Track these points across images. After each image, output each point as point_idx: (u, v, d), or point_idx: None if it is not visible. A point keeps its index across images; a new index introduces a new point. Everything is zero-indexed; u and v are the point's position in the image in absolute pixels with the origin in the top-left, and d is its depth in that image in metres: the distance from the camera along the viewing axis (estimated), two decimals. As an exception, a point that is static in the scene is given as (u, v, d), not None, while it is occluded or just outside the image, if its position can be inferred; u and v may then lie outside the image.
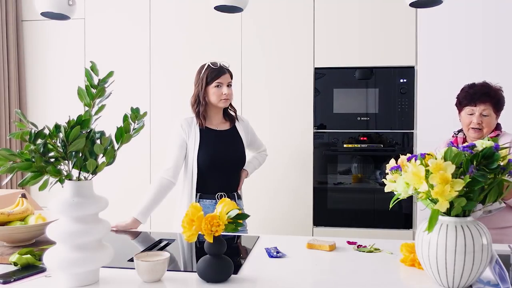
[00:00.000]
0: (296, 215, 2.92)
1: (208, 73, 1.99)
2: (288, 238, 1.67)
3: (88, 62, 1.19)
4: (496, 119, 1.92)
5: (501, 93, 1.91)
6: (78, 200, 1.14)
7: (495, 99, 1.88)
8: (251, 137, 2.18)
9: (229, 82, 2.02)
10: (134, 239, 1.73)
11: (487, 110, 1.88)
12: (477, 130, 1.89)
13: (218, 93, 1.98)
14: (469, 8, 2.74)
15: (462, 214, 1.10)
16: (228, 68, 2.03)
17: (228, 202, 1.22)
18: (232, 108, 2.10)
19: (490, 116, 1.88)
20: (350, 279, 1.24)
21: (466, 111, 1.93)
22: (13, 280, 1.18)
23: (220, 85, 1.98)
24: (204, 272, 1.19)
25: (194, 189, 1.98)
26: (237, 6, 1.88)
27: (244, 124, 2.16)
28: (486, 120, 1.88)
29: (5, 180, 2.53)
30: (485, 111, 1.88)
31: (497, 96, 1.89)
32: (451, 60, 2.76)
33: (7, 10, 3.06)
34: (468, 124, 1.92)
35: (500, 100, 1.90)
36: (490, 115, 1.88)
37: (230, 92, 2.01)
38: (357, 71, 2.89)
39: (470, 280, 1.10)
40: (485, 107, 1.88)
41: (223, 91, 1.99)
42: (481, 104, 1.88)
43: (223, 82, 1.99)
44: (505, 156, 1.09)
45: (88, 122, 1.15)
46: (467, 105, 1.92)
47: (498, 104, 1.90)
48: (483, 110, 1.88)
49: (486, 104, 1.88)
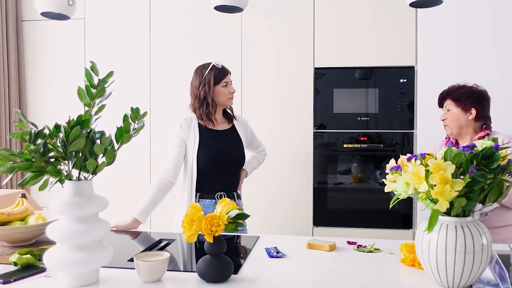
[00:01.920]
0: (296, 215, 2.92)
1: (215, 73, 1.99)
2: (288, 238, 1.67)
3: (88, 62, 1.19)
4: (465, 114, 1.94)
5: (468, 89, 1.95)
6: (78, 200, 1.13)
7: (455, 94, 1.96)
8: (250, 137, 2.19)
9: (231, 81, 2.07)
10: (134, 239, 1.73)
11: (448, 106, 1.99)
12: (445, 126, 2.01)
13: (226, 92, 2.01)
14: (469, 8, 2.74)
15: (462, 214, 1.10)
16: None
17: (228, 202, 1.22)
18: (229, 107, 2.11)
19: (451, 111, 1.97)
20: (350, 279, 1.24)
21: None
22: (13, 280, 1.18)
23: (227, 84, 2.02)
24: (204, 272, 1.19)
25: (193, 189, 1.98)
26: (237, 6, 1.88)
27: (243, 123, 2.16)
28: (449, 115, 1.98)
29: (5, 180, 2.53)
30: (446, 107, 2.00)
31: (458, 92, 1.95)
32: (451, 60, 2.76)
33: (7, 10, 3.06)
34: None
35: (463, 95, 1.94)
36: (451, 110, 1.97)
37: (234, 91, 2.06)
38: (357, 71, 2.89)
39: (470, 280, 1.10)
40: (446, 104, 2.01)
41: (230, 90, 2.03)
42: (444, 102, 2.02)
43: (228, 81, 2.03)
44: (505, 156, 1.09)
45: (88, 122, 1.15)
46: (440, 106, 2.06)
47: (460, 99, 1.94)
48: (445, 107, 2.01)
49: (447, 101, 2.00)
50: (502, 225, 1.81)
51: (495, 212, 1.78)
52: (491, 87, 2.72)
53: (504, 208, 1.81)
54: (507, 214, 1.82)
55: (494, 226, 1.80)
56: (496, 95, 2.72)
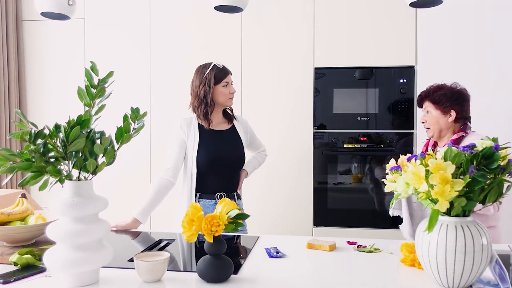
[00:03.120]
0: (296, 215, 2.92)
1: (216, 73, 1.99)
2: (288, 238, 1.67)
3: (88, 62, 1.19)
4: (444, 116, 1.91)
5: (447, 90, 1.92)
6: (78, 200, 1.13)
7: (434, 96, 1.93)
8: (250, 137, 2.19)
9: (232, 82, 2.07)
10: (134, 239, 1.73)
11: (427, 108, 1.96)
12: (426, 128, 1.99)
13: (226, 92, 2.01)
14: (469, 8, 2.74)
15: (462, 214, 1.10)
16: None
17: (228, 202, 1.22)
18: (229, 107, 2.11)
19: (431, 114, 1.95)
20: (350, 279, 1.24)
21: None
22: (13, 280, 1.18)
23: (227, 84, 2.02)
24: (204, 272, 1.19)
25: (193, 189, 1.98)
26: (237, 6, 1.88)
27: (243, 123, 2.16)
28: (428, 117, 1.96)
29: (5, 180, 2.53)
30: (426, 109, 1.97)
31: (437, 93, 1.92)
32: (451, 60, 2.76)
33: (7, 10, 3.06)
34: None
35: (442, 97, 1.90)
36: (430, 112, 1.95)
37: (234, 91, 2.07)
38: (357, 71, 2.89)
39: (470, 280, 1.10)
40: (425, 106, 1.98)
41: (231, 90, 2.03)
42: (423, 104, 1.99)
43: (229, 81, 2.03)
44: (505, 156, 1.09)
45: (88, 122, 1.15)
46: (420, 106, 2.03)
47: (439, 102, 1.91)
48: (424, 109, 1.99)
49: (426, 103, 1.97)
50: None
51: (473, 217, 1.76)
52: (490, 87, 2.73)
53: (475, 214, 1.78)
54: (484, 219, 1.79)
55: None
56: (496, 95, 2.73)
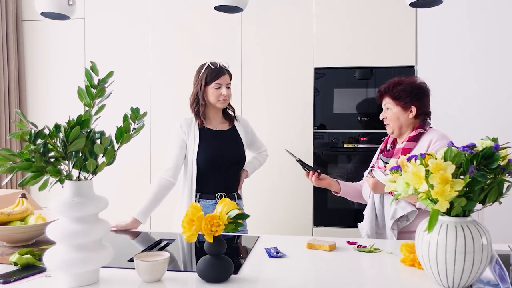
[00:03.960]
0: (296, 215, 2.92)
1: (208, 73, 1.99)
2: (288, 238, 1.67)
3: (88, 62, 1.19)
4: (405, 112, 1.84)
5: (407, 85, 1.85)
6: (78, 200, 1.13)
7: (394, 91, 1.85)
8: (251, 138, 2.18)
9: (228, 84, 2.02)
10: (134, 239, 1.73)
11: (387, 104, 1.88)
12: (386, 125, 1.91)
13: (216, 94, 1.99)
14: (469, 8, 2.74)
15: (462, 214, 1.10)
16: (228, 69, 2.04)
17: (228, 202, 1.22)
18: (230, 108, 2.11)
19: (391, 110, 1.87)
20: (350, 279, 1.24)
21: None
22: (13, 280, 1.18)
23: (219, 86, 1.98)
24: (204, 272, 1.19)
25: (194, 189, 1.99)
26: (237, 6, 1.88)
27: (244, 124, 2.16)
28: (388, 113, 1.88)
29: (5, 180, 2.53)
30: (385, 105, 1.89)
31: (396, 89, 1.84)
32: (451, 60, 2.76)
33: (7, 10, 3.06)
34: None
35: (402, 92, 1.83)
36: (390, 108, 1.88)
37: (228, 93, 2.01)
38: (357, 71, 2.89)
39: (470, 280, 1.10)
40: (385, 102, 1.89)
41: (222, 92, 1.99)
42: (383, 100, 1.91)
43: (222, 83, 1.98)
44: (505, 156, 1.09)
45: (88, 122, 1.15)
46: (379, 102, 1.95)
47: (399, 98, 1.84)
48: (384, 105, 1.91)
49: (386, 99, 1.89)
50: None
51: (417, 217, 1.73)
52: (490, 86, 2.73)
53: (424, 212, 1.74)
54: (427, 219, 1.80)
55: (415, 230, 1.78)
56: (496, 95, 2.73)
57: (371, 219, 1.81)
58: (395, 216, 1.73)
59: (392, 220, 1.74)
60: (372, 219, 1.81)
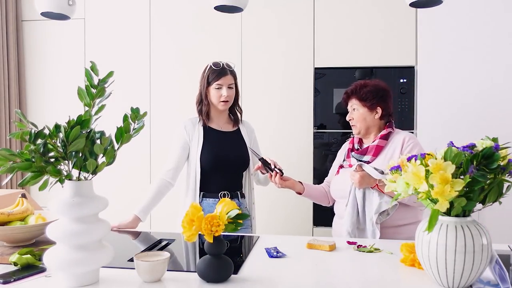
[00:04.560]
0: (296, 215, 2.92)
1: (210, 73, 1.99)
2: (288, 238, 1.67)
3: (88, 62, 1.19)
4: (371, 113, 1.92)
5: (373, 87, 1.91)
6: (78, 200, 1.13)
7: (361, 93, 1.91)
8: (253, 145, 2.14)
9: (230, 84, 1.99)
10: (134, 239, 1.73)
11: (354, 105, 1.94)
12: (353, 126, 1.97)
13: (217, 95, 1.98)
14: (469, 8, 2.74)
15: (462, 214, 1.10)
16: (232, 69, 2.02)
17: (228, 202, 1.22)
18: (238, 109, 2.10)
19: (357, 111, 1.93)
20: (350, 279, 1.24)
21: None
22: (13, 280, 1.18)
23: (220, 87, 1.97)
24: (204, 272, 1.19)
25: (197, 188, 1.99)
26: (237, 6, 1.88)
27: (249, 129, 2.15)
28: (355, 114, 1.94)
29: (5, 180, 2.53)
30: (352, 106, 1.95)
31: (363, 90, 1.91)
32: (451, 60, 2.76)
33: (7, 10, 3.06)
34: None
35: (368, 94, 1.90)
36: (357, 109, 1.93)
37: (230, 94, 1.99)
38: (357, 71, 2.89)
39: (470, 280, 1.10)
40: (352, 103, 1.95)
41: (222, 93, 1.97)
42: (349, 101, 1.96)
43: (223, 84, 1.97)
44: (505, 156, 1.09)
45: (88, 122, 1.15)
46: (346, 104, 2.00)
47: (366, 99, 1.91)
48: (350, 106, 1.96)
49: (352, 100, 1.94)
50: (404, 224, 1.83)
51: (397, 212, 1.79)
52: (490, 86, 2.73)
53: (405, 207, 1.82)
54: (408, 213, 1.84)
55: (397, 225, 1.82)
56: (496, 95, 2.73)
57: (351, 215, 1.83)
58: (379, 210, 1.77)
59: (376, 215, 1.77)
60: (353, 216, 1.83)
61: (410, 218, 1.85)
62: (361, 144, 2.01)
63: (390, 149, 1.89)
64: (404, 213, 1.84)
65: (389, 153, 1.88)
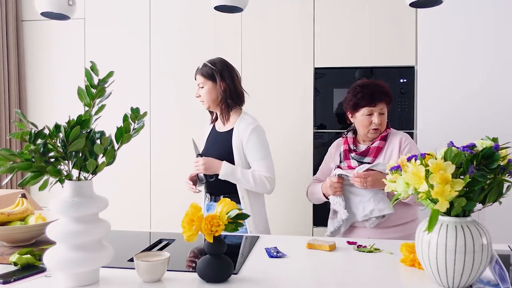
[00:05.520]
0: (296, 215, 2.92)
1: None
2: (288, 238, 1.67)
3: (88, 62, 1.19)
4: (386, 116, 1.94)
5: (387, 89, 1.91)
6: (78, 200, 1.13)
7: (390, 97, 1.91)
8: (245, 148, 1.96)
9: (200, 83, 1.98)
10: (134, 239, 1.73)
11: (384, 109, 1.89)
12: (377, 130, 1.89)
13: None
14: (469, 8, 2.74)
15: (462, 214, 1.10)
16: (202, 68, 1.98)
17: (228, 202, 1.22)
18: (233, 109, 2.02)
19: (385, 114, 1.90)
20: (350, 279, 1.24)
21: (363, 112, 1.88)
22: (13, 280, 1.18)
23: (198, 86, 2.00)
24: (204, 272, 1.19)
25: (205, 190, 2.05)
26: (237, 6, 1.88)
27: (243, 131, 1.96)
28: (383, 118, 1.89)
29: (5, 180, 2.53)
30: (382, 109, 1.88)
31: (390, 94, 1.92)
32: (451, 60, 2.76)
33: (7, 10, 3.05)
34: (368, 125, 1.89)
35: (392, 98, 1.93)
36: (385, 113, 1.90)
37: (200, 94, 1.98)
38: (357, 71, 2.89)
39: (470, 280, 1.10)
40: (382, 106, 1.88)
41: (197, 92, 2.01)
42: (380, 103, 1.87)
43: (197, 82, 2.00)
44: (505, 156, 1.09)
45: (88, 122, 1.15)
46: (366, 106, 1.87)
47: (392, 102, 1.93)
48: (380, 109, 1.87)
49: (383, 103, 1.88)
50: (403, 222, 1.85)
51: (397, 211, 1.81)
52: (490, 86, 2.73)
53: (404, 205, 1.84)
54: (407, 212, 1.86)
55: (397, 224, 1.84)
56: (496, 95, 2.73)
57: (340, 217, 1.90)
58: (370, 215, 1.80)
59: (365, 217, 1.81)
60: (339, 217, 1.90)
61: (410, 216, 1.87)
62: (356, 144, 1.99)
63: (388, 150, 1.89)
64: (404, 211, 1.85)
65: (387, 153, 1.88)
